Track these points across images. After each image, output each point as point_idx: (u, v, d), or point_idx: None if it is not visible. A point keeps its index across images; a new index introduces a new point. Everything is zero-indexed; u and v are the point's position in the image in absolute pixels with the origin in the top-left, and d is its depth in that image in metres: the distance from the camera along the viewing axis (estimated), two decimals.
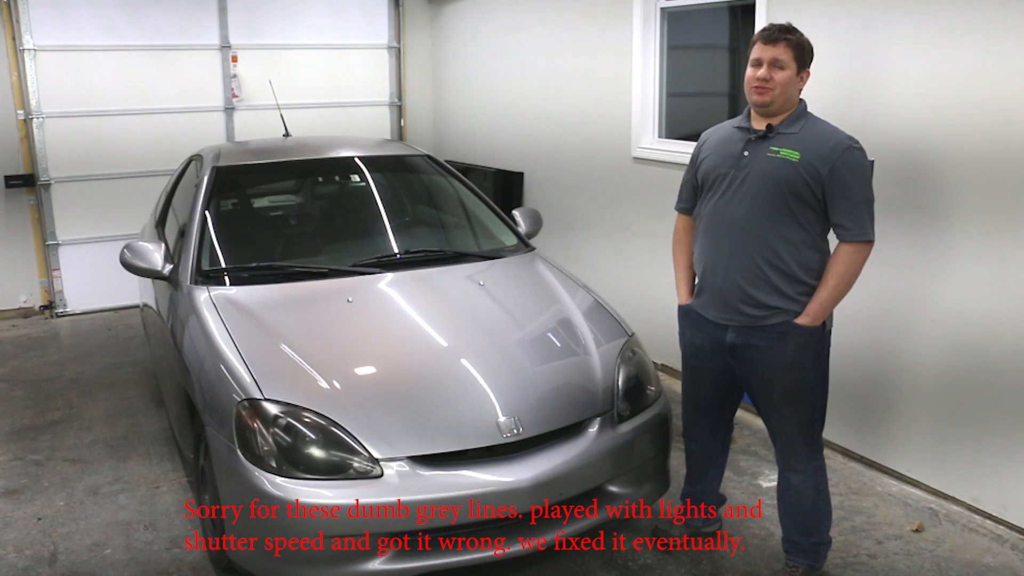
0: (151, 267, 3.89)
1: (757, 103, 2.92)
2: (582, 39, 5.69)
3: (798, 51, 2.88)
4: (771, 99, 2.88)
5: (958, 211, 3.49)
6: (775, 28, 2.91)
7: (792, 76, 2.88)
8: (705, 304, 3.10)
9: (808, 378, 2.97)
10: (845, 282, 2.87)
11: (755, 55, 2.91)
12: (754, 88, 2.90)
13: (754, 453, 4.22)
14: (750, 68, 2.93)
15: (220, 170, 4.30)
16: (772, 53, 2.87)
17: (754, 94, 2.91)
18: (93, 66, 6.55)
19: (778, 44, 2.87)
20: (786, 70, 2.87)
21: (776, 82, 2.86)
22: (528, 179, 6.57)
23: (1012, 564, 3.28)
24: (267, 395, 2.94)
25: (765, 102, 2.89)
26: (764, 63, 2.88)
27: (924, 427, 3.76)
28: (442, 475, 2.84)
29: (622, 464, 3.17)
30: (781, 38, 2.87)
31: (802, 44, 2.90)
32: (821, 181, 2.83)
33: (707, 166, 3.08)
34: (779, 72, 2.87)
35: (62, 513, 3.75)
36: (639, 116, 5.25)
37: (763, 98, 2.89)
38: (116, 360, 5.73)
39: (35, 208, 6.60)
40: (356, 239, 4.29)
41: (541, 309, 3.68)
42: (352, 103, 7.57)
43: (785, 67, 2.87)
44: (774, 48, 2.87)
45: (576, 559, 3.33)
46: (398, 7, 7.61)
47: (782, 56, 2.86)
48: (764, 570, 3.27)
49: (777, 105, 2.90)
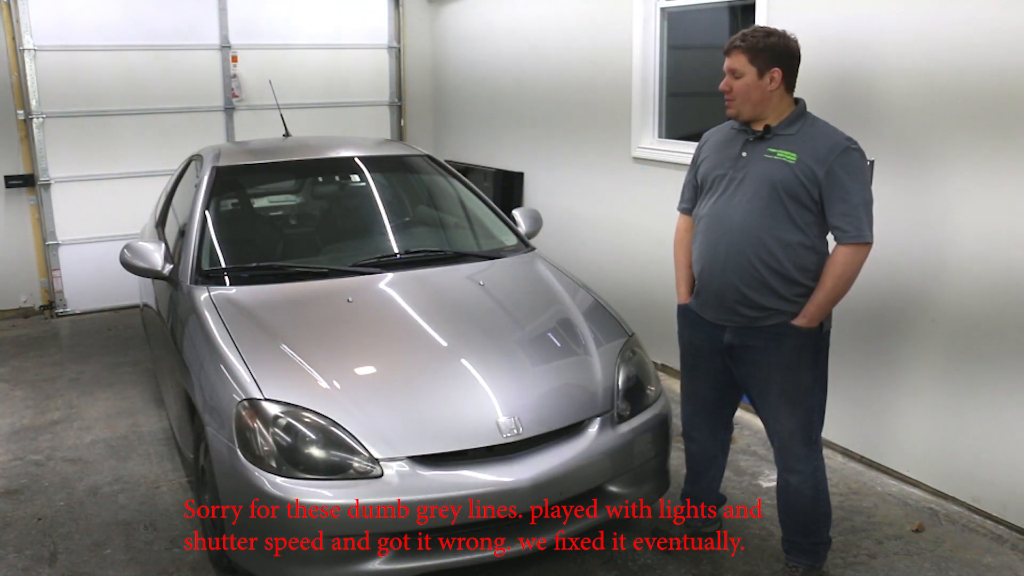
0: (151, 267, 3.89)
1: (728, 116, 2.99)
2: (582, 39, 5.69)
3: (752, 54, 2.86)
4: (736, 109, 2.93)
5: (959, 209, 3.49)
6: (733, 38, 2.93)
7: (753, 81, 2.87)
8: (703, 305, 3.11)
9: (805, 379, 2.97)
10: (842, 284, 2.87)
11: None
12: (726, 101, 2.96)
13: (754, 453, 4.22)
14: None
15: (220, 170, 4.31)
16: (728, 64, 2.92)
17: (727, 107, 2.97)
18: (93, 66, 6.54)
19: (731, 54, 2.91)
20: (744, 77, 2.88)
21: (736, 92, 2.90)
22: (528, 179, 6.57)
23: (1012, 564, 3.28)
24: (267, 395, 2.94)
25: (731, 114, 2.97)
26: (726, 75, 2.93)
27: (924, 427, 3.76)
28: (442, 475, 2.84)
29: (622, 464, 3.17)
30: (732, 48, 2.90)
31: (758, 46, 2.86)
32: (818, 183, 2.82)
33: (706, 167, 3.09)
34: (736, 81, 2.89)
35: (62, 513, 3.75)
36: (639, 116, 5.25)
37: (729, 110, 2.96)
38: (116, 360, 5.73)
39: (35, 208, 6.59)
40: (356, 239, 4.29)
41: (541, 309, 3.68)
42: (352, 103, 7.56)
43: (742, 74, 2.88)
44: (728, 58, 2.92)
45: (576, 559, 3.33)
46: (398, 7, 7.61)
47: (735, 65, 2.89)
48: (764, 570, 3.27)
49: (747, 113, 2.92)
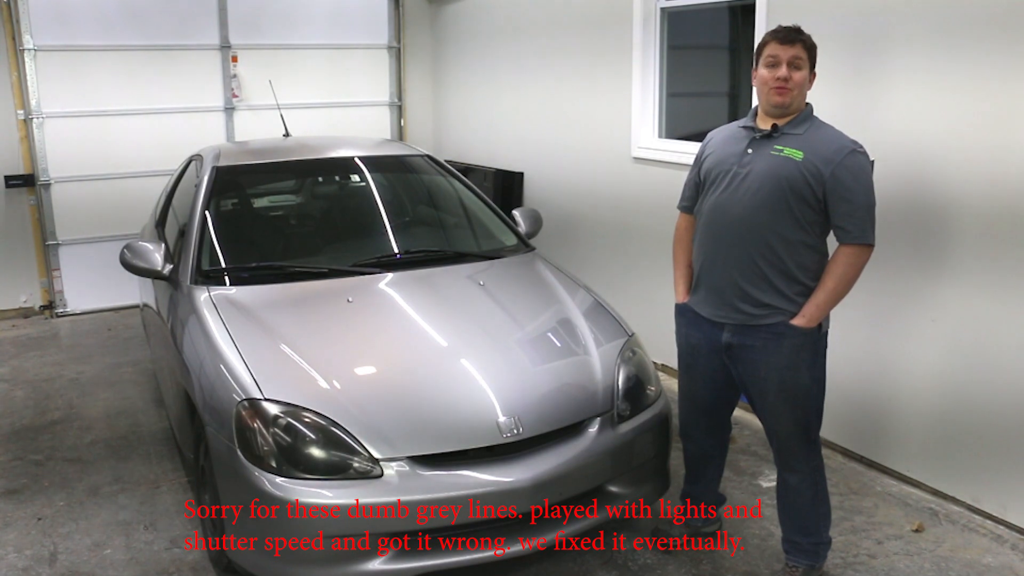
0: (151, 267, 3.89)
1: (777, 103, 2.89)
2: (582, 39, 5.69)
3: (811, 52, 2.90)
4: (791, 99, 2.89)
5: (958, 210, 3.49)
6: (791, 29, 2.90)
7: (806, 76, 2.90)
8: (701, 301, 3.10)
9: (804, 379, 2.97)
10: (843, 285, 2.87)
11: (771, 54, 2.89)
12: (774, 88, 2.88)
13: (754, 453, 4.21)
14: (765, 69, 2.90)
15: (220, 170, 4.31)
16: (791, 53, 2.87)
17: (774, 95, 2.88)
18: (93, 66, 6.54)
19: (795, 44, 2.87)
20: (803, 70, 2.88)
21: (795, 82, 2.87)
22: (528, 179, 6.57)
23: (1012, 564, 3.28)
24: (267, 395, 2.94)
25: (786, 102, 2.88)
26: (783, 63, 2.87)
27: (924, 427, 3.76)
28: (442, 475, 2.84)
29: (622, 464, 3.17)
30: (798, 39, 2.88)
31: (811, 44, 2.91)
32: (823, 182, 2.82)
33: (710, 163, 3.08)
34: (797, 72, 2.87)
35: (62, 513, 3.75)
36: (639, 116, 5.25)
37: (784, 98, 2.88)
38: (116, 360, 5.73)
39: (35, 208, 6.59)
40: (356, 239, 4.29)
41: (541, 309, 3.68)
42: (352, 103, 7.56)
43: (802, 67, 2.88)
44: (792, 48, 2.87)
45: (576, 559, 3.33)
46: (398, 7, 7.61)
47: (800, 55, 2.87)
48: (764, 570, 3.27)
49: (795, 105, 2.91)
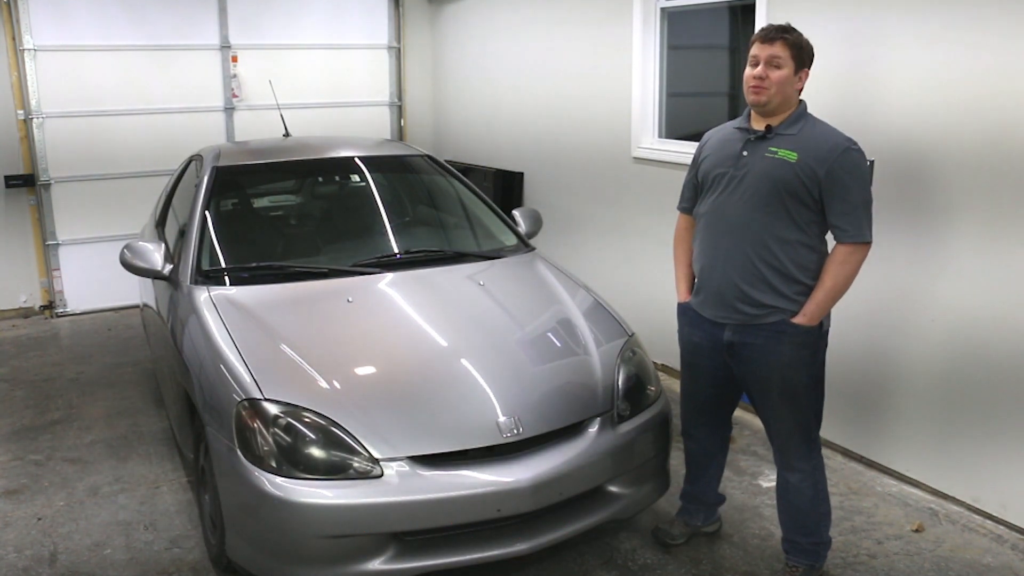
0: (151, 267, 3.89)
1: (753, 102, 2.93)
2: (582, 39, 5.69)
3: (795, 50, 2.88)
4: (767, 98, 2.89)
5: (957, 209, 3.49)
6: (773, 28, 2.92)
7: (789, 75, 2.88)
8: (703, 303, 3.11)
9: (804, 377, 2.97)
10: (841, 283, 2.88)
11: (753, 54, 2.92)
12: (751, 87, 2.90)
13: (754, 453, 4.22)
14: (748, 67, 2.93)
15: (220, 170, 4.31)
16: (769, 51, 2.88)
17: (751, 93, 2.91)
18: (93, 66, 6.55)
19: (775, 43, 2.87)
20: (783, 69, 2.87)
21: (772, 80, 2.87)
22: (528, 179, 6.57)
23: (1012, 564, 3.28)
24: (267, 395, 2.94)
25: (761, 101, 2.90)
26: (761, 62, 2.89)
27: (924, 427, 3.76)
28: (442, 475, 2.84)
29: (622, 464, 3.17)
30: (778, 37, 2.88)
31: (800, 43, 2.90)
32: (818, 182, 2.83)
33: (707, 166, 3.09)
34: (775, 71, 2.87)
35: (62, 513, 3.75)
36: (639, 116, 5.25)
37: (759, 97, 2.90)
38: (116, 360, 5.73)
39: (35, 208, 6.60)
40: (356, 239, 4.28)
41: (541, 309, 3.68)
42: (352, 103, 7.56)
43: (782, 66, 2.87)
44: (771, 47, 2.88)
45: (576, 559, 3.33)
46: (398, 7, 7.61)
47: (779, 54, 2.87)
48: (764, 570, 3.27)
49: (774, 105, 2.90)
